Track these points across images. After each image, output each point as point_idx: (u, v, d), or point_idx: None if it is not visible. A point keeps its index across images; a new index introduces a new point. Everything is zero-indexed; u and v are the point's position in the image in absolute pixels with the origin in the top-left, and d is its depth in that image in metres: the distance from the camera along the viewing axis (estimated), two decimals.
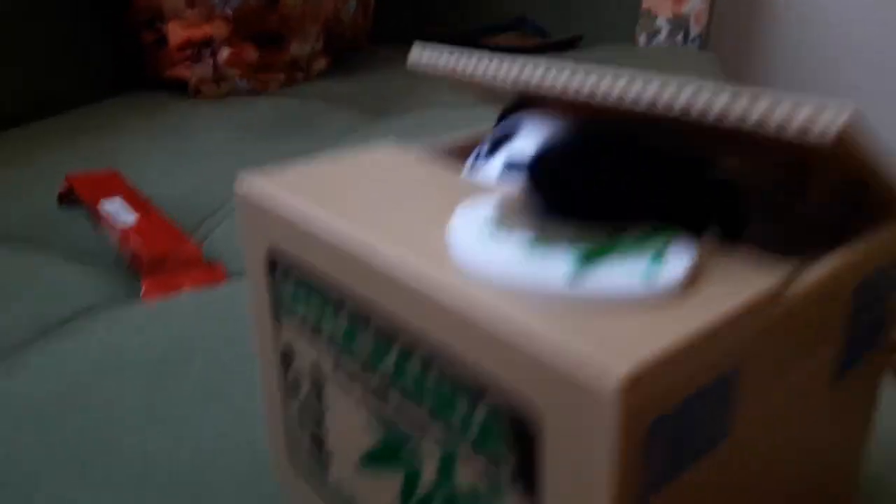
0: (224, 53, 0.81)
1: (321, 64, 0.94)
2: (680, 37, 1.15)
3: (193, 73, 0.80)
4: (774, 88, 1.31)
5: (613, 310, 0.13)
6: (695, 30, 1.15)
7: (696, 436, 0.13)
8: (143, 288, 0.39)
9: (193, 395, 0.29)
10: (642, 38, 1.16)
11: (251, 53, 0.84)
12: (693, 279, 0.14)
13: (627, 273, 0.13)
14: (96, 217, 0.45)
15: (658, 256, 0.14)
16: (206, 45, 0.80)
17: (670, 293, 0.13)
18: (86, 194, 0.46)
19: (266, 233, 0.19)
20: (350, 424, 0.18)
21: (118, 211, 0.44)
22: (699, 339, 0.12)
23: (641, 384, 0.11)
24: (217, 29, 0.80)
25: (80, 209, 0.47)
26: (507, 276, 0.14)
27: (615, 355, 0.11)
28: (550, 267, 0.14)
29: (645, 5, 1.15)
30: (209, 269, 0.40)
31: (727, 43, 1.30)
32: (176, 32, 0.79)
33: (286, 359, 0.21)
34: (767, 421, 0.15)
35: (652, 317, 0.13)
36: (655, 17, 1.15)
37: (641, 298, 0.13)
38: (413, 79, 0.93)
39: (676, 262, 0.14)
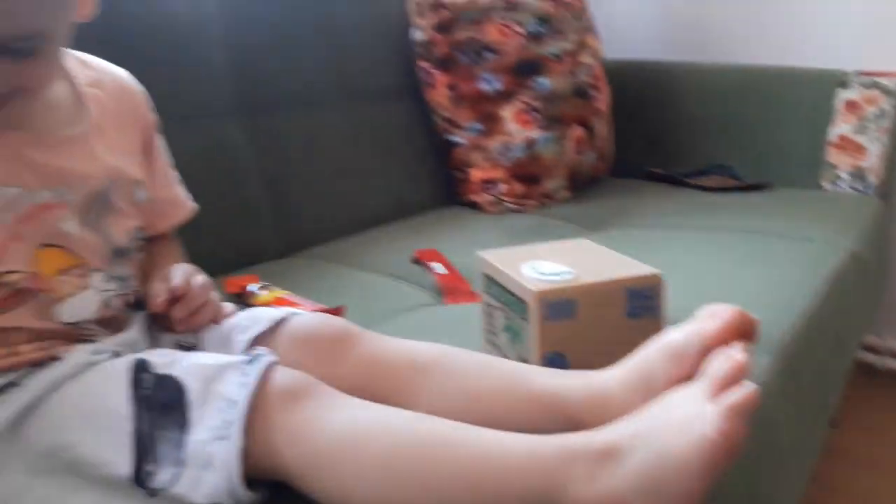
0: (502, 188, 1.35)
1: (565, 194, 1.44)
2: (859, 185, 1.45)
3: (483, 199, 1.34)
4: None
5: (542, 283, 0.59)
6: (872, 181, 1.44)
7: (561, 313, 0.58)
8: (445, 299, 0.90)
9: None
10: (827, 185, 1.48)
11: (519, 188, 1.36)
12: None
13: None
14: (428, 269, 0.98)
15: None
16: (492, 183, 1.35)
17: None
18: (424, 259, 1.00)
19: (482, 268, 0.68)
20: None
21: (437, 267, 0.97)
22: (563, 289, 0.58)
23: (540, 296, 0.57)
24: (499, 173, 1.35)
25: (421, 266, 1.01)
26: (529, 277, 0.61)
27: (535, 289, 0.58)
28: (537, 276, 0.60)
29: (829, 158, 1.47)
30: (472, 297, 0.90)
31: None
32: (475, 175, 1.35)
33: None
34: (595, 316, 0.59)
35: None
36: (837, 168, 1.46)
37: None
38: (626, 204, 1.38)
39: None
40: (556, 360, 0.59)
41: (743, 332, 0.49)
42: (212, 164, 1.06)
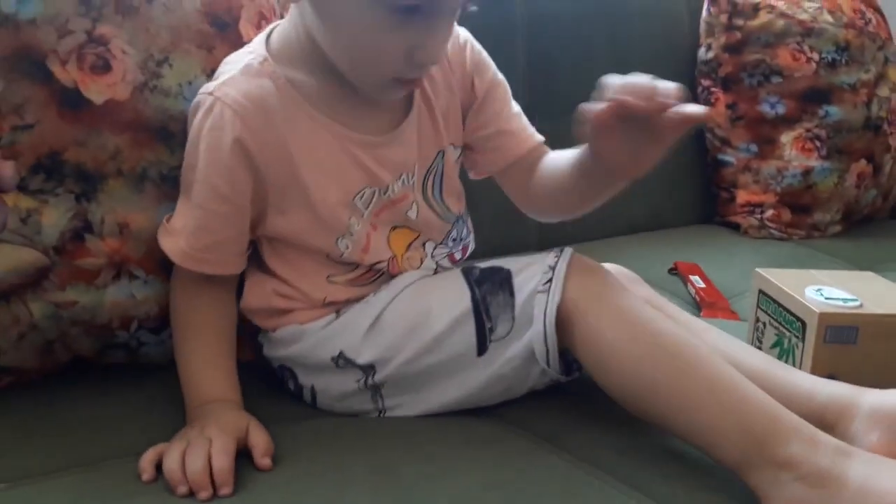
0: (768, 213, 1.33)
1: (836, 228, 1.39)
2: None
3: (746, 221, 1.34)
4: None
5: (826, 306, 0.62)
6: None
7: (841, 338, 0.60)
8: (703, 312, 0.93)
9: None
10: None
11: (786, 215, 1.34)
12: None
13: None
14: (686, 280, 1.01)
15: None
16: (758, 206, 1.34)
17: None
18: (683, 271, 1.04)
19: (758, 284, 0.71)
20: None
21: (696, 280, 1.00)
22: (848, 315, 0.60)
23: (823, 318, 0.60)
24: (768, 198, 1.33)
25: (678, 277, 1.05)
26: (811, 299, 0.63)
27: (819, 311, 0.61)
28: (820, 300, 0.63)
29: None
30: (731, 314, 0.93)
31: None
32: (742, 196, 1.35)
33: None
34: (875, 348, 0.60)
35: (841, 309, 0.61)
36: None
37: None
38: None
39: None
40: None
41: None
42: None
